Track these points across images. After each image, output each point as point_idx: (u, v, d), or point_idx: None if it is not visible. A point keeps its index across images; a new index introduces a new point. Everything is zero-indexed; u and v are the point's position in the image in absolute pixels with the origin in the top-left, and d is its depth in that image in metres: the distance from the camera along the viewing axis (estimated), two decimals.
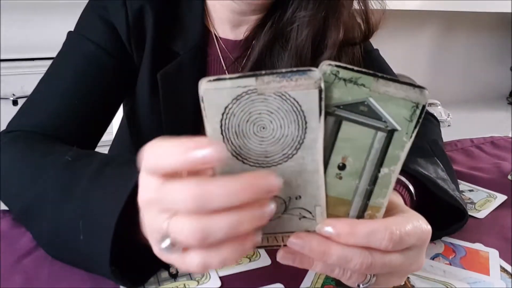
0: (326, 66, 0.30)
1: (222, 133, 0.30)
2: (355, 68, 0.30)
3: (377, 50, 0.73)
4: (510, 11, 2.00)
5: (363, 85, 0.31)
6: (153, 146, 0.29)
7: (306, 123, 0.30)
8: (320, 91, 0.29)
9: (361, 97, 0.31)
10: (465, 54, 2.36)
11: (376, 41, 0.72)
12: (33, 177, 0.45)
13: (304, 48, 0.59)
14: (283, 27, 0.60)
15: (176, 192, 0.28)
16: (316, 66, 0.30)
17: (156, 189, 0.29)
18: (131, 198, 0.35)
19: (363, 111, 0.31)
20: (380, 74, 0.30)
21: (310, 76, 0.29)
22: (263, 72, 0.29)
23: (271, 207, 0.29)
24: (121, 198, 0.36)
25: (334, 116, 0.31)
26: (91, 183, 0.40)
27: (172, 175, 0.29)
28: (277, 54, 0.61)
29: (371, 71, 0.30)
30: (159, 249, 0.30)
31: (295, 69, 0.29)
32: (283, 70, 0.29)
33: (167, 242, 0.29)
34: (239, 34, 0.64)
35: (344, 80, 0.30)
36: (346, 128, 0.32)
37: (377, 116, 0.31)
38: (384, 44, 0.74)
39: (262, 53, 0.61)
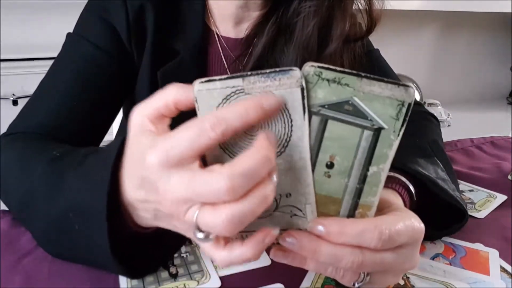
0: (309, 67, 0.31)
1: None
2: (338, 68, 0.31)
3: (377, 50, 0.73)
4: (510, 11, 1.99)
5: (347, 84, 0.31)
6: (165, 137, 0.29)
7: (291, 121, 0.31)
8: (302, 89, 0.30)
9: (346, 97, 0.31)
10: (465, 54, 2.35)
11: (376, 41, 0.72)
12: (24, 175, 0.45)
13: (311, 39, 0.59)
14: (288, 20, 0.60)
15: (211, 191, 0.28)
16: (322, 58, 0.31)
17: (186, 188, 0.29)
18: (114, 176, 0.35)
19: (348, 110, 0.32)
20: (363, 74, 0.31)
21: (292, 75, 0.30)
22: (249, 73, 0.30)
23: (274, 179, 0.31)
24: (105, 179, 0.35)
25: (319, 115, 0.32)
26: (74, 174, 0.40)
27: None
28: (280, 50, 0.61)
29: (354, 71, 0.31)
30: (197, 240, 0.31)
31: (278, 69, 0.30)
32: (267, 71, 0.30)
33: (201, 235, 0.30)
34: (241, 32, 0.64)
35: (328, 80, 0.31)
36: (332, 127, 0.32)
37: (363, 115, 0.32)
38: (384, 44, 0.74)
39: (265, 49, 0.61)
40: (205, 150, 0.29)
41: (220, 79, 0.30)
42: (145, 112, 0.32)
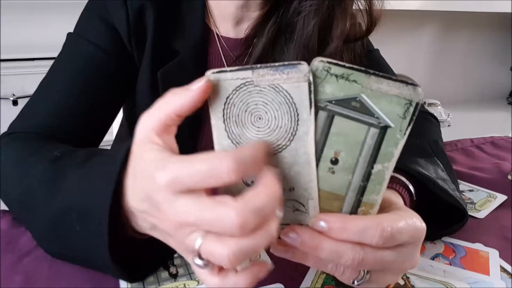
0: (318, 62, 0.31)
1: (224, 122, 0.32)
2: (347, 64, 0.31)
3: (377, 50, 0.73)
4: (510, 11, 2.00)
5: (355, 81, 0.31)
6: (179, 162, 0.29)
7: (298, 115, 0.31)
8: (310, 84, 0.30)
9: (353, 93, 0.31)
10: (465, 54, 2.36)
11: (376, 41, 0.72)
12: (24, 175, 0.45)
13: (311, 39, 0.59)
14: (289, 19, 0.60)
15: (220, 223, 0.28)
16: (323, 56, 0.31)
17: (194, 214, 0.29)
18: (118, 183, 0.34)
19: (355, 107, 0.32)
20: (372, 71, 0.31)
21: (300, 69, 0.30)
22: (259, 65, 0.30)
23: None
24: (110, 184, 0.35)
25: (326, 111, 0.32)
26: (75, 175, 0.40)
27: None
28: (280, 50, 0.61)
29: (362, 68, 0.31)
30: (193, 265, 0.31)
31: (286, 62, 0.30)
32: (276, 64, 0.30)
33: (200, 262, 0.30)
34: (240, 32, 0.64)
35: (336, 76, 0.31)
36: (339, 123, 0.32)
37: (370, 112, 0.32)
38: (384, 44, 0.74)
39: (265, 50, 0.61)
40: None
41: (230, 70, 0.30)
42: (150, 125, 0.32)
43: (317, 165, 0.33)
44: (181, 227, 0.30)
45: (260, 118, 0.32)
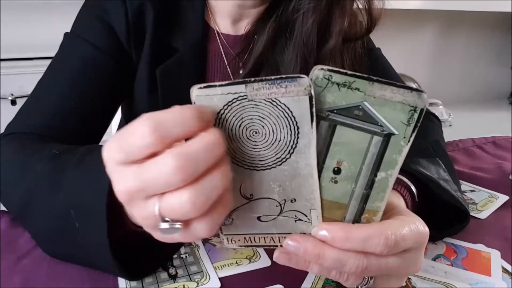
0: (319, 70, 0.30)
1: None
2: (349, 72, 0.30)
3: (379, 49, 0.72)
4: (510, 11, 1.99)
5: (358, 89, 0.30)
6: (119, 135, 0.28)
7: (298, 128, 0.30)
8: (311, 98, 0.29)
9: (356, 101, 0.30)
10: (466, 54, 2.35)
11: (376, 41, 0.72)
12: (24, 175, 0.45)
13: (310, 36, 0.58)
14: (288, 17, 0.60)
15: (161, 174, 0.27)
16: (322, 55, 0.30)
17: (134, 178, 0.28)
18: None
19: (358, 115, 0.31)
20: (375, 78, 0.30)
21: (300, 83, 0.29)
22: (252, 79, 0.29)
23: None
24: (106, 179, 0.33)
25: (327, 120, 0.31)
26: (75, 171, 0.39)
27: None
28: (280, 47, 0.61)
29: (365, 75, 0.30)
30: (160, 233, 0.30)
31: (284, 76, 0.29)
32: (272, 77, 0.29)
33: (165, 225, 0.29)
34: (240, 29, 0.64)
35: (338, 84, 0.30)
36: (341, 133, 0.31)
37: (373, 120, 0.31)
38: (385, 44, 0.74)
39: (265, 48, 0.61)
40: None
41: (220, 85, 0.29)
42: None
43: (319, 176, 0.32)
44: (133, 196, 0.29)
45: (256, 133, 0.31)
